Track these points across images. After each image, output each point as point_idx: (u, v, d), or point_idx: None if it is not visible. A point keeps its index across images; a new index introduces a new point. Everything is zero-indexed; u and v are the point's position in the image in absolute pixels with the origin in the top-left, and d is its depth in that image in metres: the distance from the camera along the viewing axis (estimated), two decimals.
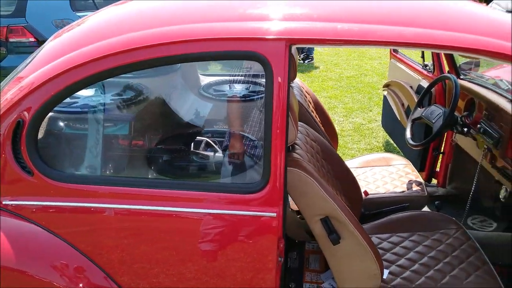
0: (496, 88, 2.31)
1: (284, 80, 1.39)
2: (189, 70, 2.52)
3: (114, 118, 1.98)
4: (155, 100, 2.16)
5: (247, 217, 1.53)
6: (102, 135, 1.81)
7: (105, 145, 1.84)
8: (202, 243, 1.64)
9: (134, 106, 2.07)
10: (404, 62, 3.48)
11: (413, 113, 2.68)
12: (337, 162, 2.21)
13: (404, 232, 2.21)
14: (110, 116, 1.98)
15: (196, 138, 2.00)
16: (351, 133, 4.58)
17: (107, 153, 1.87)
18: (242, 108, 2.14)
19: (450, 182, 3.06)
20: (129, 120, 1.95)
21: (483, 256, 2.01)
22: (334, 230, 1.67)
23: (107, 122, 1.94)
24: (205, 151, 1.89)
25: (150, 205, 1.58)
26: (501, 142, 2.08)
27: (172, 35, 1.40)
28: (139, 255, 1.67)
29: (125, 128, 1.94)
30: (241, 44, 1.38)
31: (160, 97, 2.14)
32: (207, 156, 1.86)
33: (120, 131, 1.90)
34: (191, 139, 2.02)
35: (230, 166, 1.83)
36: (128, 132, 1.91)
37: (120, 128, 1.89)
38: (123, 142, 1.87)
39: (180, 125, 2.06)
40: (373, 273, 1.73)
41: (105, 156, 1.85)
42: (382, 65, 7.08)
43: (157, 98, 2.15)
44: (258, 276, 1.65)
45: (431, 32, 1.35)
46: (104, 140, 1.86)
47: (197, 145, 1.95)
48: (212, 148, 1.96)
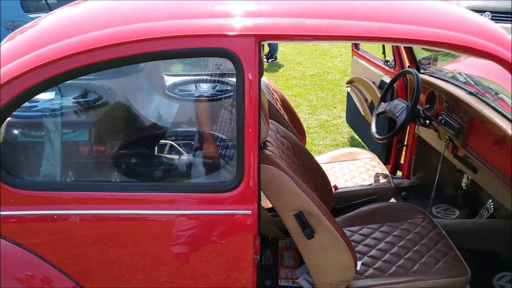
0: (455, 81, 2.40)
1: (255, 76, 1.39)
2: (153, 71, 2.46)
3: (77, 121, 1.91)
4: (119, 101, 2.09)
5: (221, 216, 1.51)
6: (64, 138, 1.74)
7: (68, 148, 1.77)
8: (175, 245, 1.60)
9: (97, 109, 2.00)
10: (366, 58, 3.56)
11: (377, 108, 2.75)
12: (307, 158, 2.23)
13: (374, 224, 2.26)
14: (72, 119, 1.91)
15: (164, 139, 1.96)
16: (317, 130, 4.64)
17: (70, 157, 1.80)
18: (211, 107, 2.11)
19: (414, 173, 3.16)
20: (93, 122, 1.89)
21: (449, 242, 2.09)
22: (308, 225, 1.68)
23: (70, 125, 1.86)
24: (173, 152, 1.86)
25: (118, 209, 1.53)
26: (461, 132, 2.17)
27: (137, 33, 1.37)
28: (109, 262, 1.62)
29: (89, 132, 1.88)
30: (210, 41, 1.36)
31: (124, 98, 2.08)
32: (176, 157, 1.83)
33: (84, 134, 1.83)
34: (159, 140, 1.98)
35: (201, 166, 1.81)
36: (93, 135, 1.85)
37: (83, 131, 1.82)
38: (87, 144, 1.80)
39: (147, 126, 2.01)
40: (347, 265, 1.76)
41: (69, 160, 1.78)
42: (344, 63, 7.23)
43: (121, 99, 2.09)
44: (234, 276, 1.64)
45: (395, 27, 1.39)
46: (67, 143, 1.79)
47: (165, 146, 1.91)
48: (181, 149, 1.92)
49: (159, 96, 2.34)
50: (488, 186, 2.23)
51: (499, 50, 1.40)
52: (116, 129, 1.86)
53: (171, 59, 1.33)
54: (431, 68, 2.80)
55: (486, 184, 2.24)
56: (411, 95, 2.86)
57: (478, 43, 1.39)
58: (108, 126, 1.88)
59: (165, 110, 2.25)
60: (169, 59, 1.31)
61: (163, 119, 2.15)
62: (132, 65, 2.28)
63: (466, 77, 2.32)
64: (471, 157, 2.12)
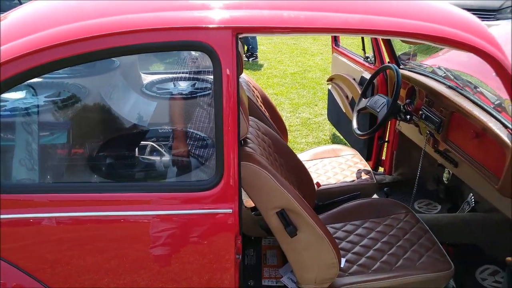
0: (435, 76, 2.41)
1: (233, 70, 1.35)
2: (129, 68, 2.40)
3: (49, 121, 1.83)
4: (94, 100, 2.02)
5: (202, 215, 1.47)
6: (35, 139, 1.67)
7: (40, 149, 1.69)
8: (155, 247, 1.55)
9: (71, 108, 1.93)
10: (346, 55, 3.56)
11: (358, 104, 2.74)
12: (289, 155, 2.20)
13: (357, 220, 2.25)
14: (44, 119, 1.83)
15: (142, 138, 1.90)
16: (299, 128, 4.63)
17: (44, 158, 1.72)
18: (189, 105, 2.06)
19: (396, 169, 3.17)
20: (67, 122, 1.81)
21: (432, 237, 2.09)
22: (290, 222, 1.65)
23: (41, 125, 1.78)
24: (152, 151, 1.80)
25: (95, 211, 1.47)
26: (442, 126, 2.17)
27: (109, 27, 1.31)
28: (86, 267, 1.56)
29: (63, 132, 1.80)
30: (185, 34, 1.31)
31: (99, 97, 2.01)
32: (154, 156, 1.77)
33: (57, 134, 1.75)
34: (137, 139, 1.92)
35: (180, 165, 1.76)
36: (67, 135, 1.78)
37: (56, 131, 1.75)
38: (61, 145, 1.72)
39: (124, 125, 1.95)
40: (331, 262, 1.74)
41: (42, 161, 1.71)
42: (324, 61, 7.25)
43: (96, 98, 2.02)
44: (217, 276, 1.60)
45: (375, 19, 1.37)
46: (39, 144, 1.71)
47: (143, 145, 1.85)
48: (159, 148, 1.87)
49: (136, 94, 2.27)
50: (469, 180, 2.24)
51: (478, 42, 1.39)
52: (91, 128, 1.80)
53: (145, 53, 1.28)
54: (410, 63, 2.81)
55: (467, 178, 2.25)
56: (392, 90, 2.87)
57: (458, 35, 1.38)
58: (83, 126, 1.81)
59: (143, 109, 2.19)
60: (143, 53, 1.26)
61: (141, 118, 2.09)
62: (107, 63, 2.22)
63: (445, 71, 2.33)
64: (452, 151, 2.12)
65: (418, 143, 2.67)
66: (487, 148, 1.84)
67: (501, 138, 1.69)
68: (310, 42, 8.67)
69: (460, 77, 2.21)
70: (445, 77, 2.32)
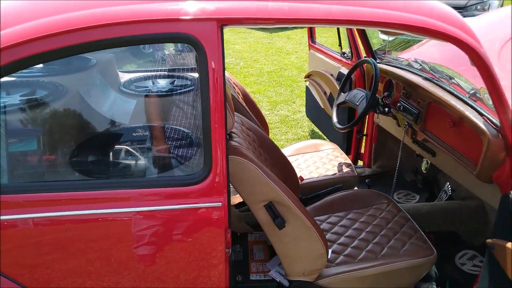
0: (411, 68, 2.47)
1: (219, 63, 1.35)
2: (107, 66, 2.36)
3: (26, 119, 1.78)
4: (72, 98, 1.98)
5: (191, 210, 1.46)
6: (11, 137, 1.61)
7: (16, 148, 1.64)
8: (142, 245, 1.53)
9: (48, 106, 1.88)
10: (323, 51, 3.61)
11: (337, 99, 2.78)
12: (273, 150, 2.22)
13: (341, 212, 2.28)
14: (20, 117, 1.77)
15: (124, 135, 1.87)
16: (278, 125, 4.66)
17: (19, 157, 1.66)
18: (170, 101, 2.05)
19: (375, 161, 3.23)
20: (45, 120, 1.77)
21: (414, 225, 2.15)
22: (278, 215, 1.66)
23: (17, 124, 1.73)
24: (136, 148, 1.78)
25: (75, 209, 1.44)
26: (420, 117, 2.23)
27: (95, 18, 1.28)
28: (68, 270, 1.52)
29: (40, 130, 1.75)
30: (170, 26, 1.30)
31: (77, 95, 1.97)
32: (139, 152, 1.75)
33: (34, 132, 1.70)
34: (118, 136, 1.89)
35: (167, 160, 1.74)
36: (44, 133, 1.72)
37: (34, 129, 1.70)
38: (38, 143, 1.67)
39: (104, 123, 1.92)
40: (320, 253, 1.76)
41: (18, 160, 1.65)
42: (300, 59, 7.31)
43: (74, 96, 1.97)
44: (207, 272, 1.59)
45: (358, 9, 1.39)
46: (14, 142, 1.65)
47: (125, 142, 1.83)
48: (143, 144, 1.85)
49: (115, 92, 2.24)
50: (446, 168, 2.31)
51: (456, 32, 1.44)
52: (70, 126, 1.75)
53: (130, 45, 1.26)
54: (387, 57, 2.87)
55: (444, 166, 2.32)
56: (369, 84, 2.93)
57: (437, 25, 1.42)
58: (61, 124, 1.76)
59: (122, 107, 2.15)
60: (128, 46, 1.24)
61: (121, 116, 2.06)
62: (84, 61, 2.18)
63: (421, 63, 2.40)
64: (430, 140, 2.18)
65: (397, 135, 2.73)
66: (464, 136, 1.90)
67: (477, 126, 1.75)
68: (285, 41, 8.73)
69: (436, 69, 2.28)
70: (421, 69, 2.38)
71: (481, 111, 1.82)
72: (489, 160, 1.69)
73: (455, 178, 2.28)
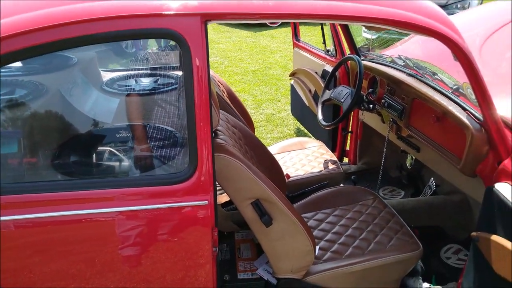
0: (394, 65, 2.49)
1: (203, 59, 1.33)
2: (88, 65, 2.31)
3: (6, 118, 1.73)
4: (53, 97, 1.93)
5: (177, 209, 1.44)
6: None
7: None
8: (128, 246, 1.50)
9: (28, 105, 1.83)
10: (307, 49, 3.61)
11: (322, 96, 2.79)
12: (259, 147, 2.21)
13: (328, 208, 2.29)
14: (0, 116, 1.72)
15: (107, 134, 1.84)
16: (264, 124, 4.66)
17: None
18: (154, 100, 2.02)
19: (360, 158, 3.25)
20: (25, 119, 1.72)
21: (400, 220, 2.16)
22: (265, 212, 1.66)
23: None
24: (119, 147, 1.75)
25: (57, 211, 1.40)
26: (404, 113, 2.25)
27: (76, 14, 1.25)
28: (50, 273, 1.48)
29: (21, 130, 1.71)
30: (153, 21, 1.28)
31: (58, 94, 1.93)
32: (122, 152, 1.72)
33: (14, 133, 1.65)
34: (101, 135, 1.86)
35: (151, 159, 1.71)
36: (25, 133, 1.68)
37: (14, 129, 1.65)
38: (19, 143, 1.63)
39: (87, 122, 1.88)
40: (307, 250, 1.76)
41: None
42: (284, 58, 7.32)
43: (55, 95, 1.93)
44: (194, 272, 1.57)
45: (342, 4, 1.39)
46: None
47: (109, 141, 1.79)
48: (126, 144, 1.82)
49: (97, 91, 2.20)
50: (431, 163, 2.33)
51: (440, 27, 1.45)
52: (51, 126, 1.71)
53: (112, 42, 1.23)
54: (370, 54, 2.89)
55: (429, 161, 2.35)
56: (354, 81, 2.94)
57: (421, 20, 1.43)
58: (42, 124, 1.72)
59: (105, 106, 2.11)
60: (111, 42, 1.21)
61: (104, 115, 2.02)
62: (65, 59, 2.13)
63: (404, 60, 2.41)
64: (414, 136, 2.20)
65: (381, 132, 2.75)
66: (448, 130, 1.92)
67: (461, 120, 1.77)
68: (269, 39, 8.74)
69: (419, 65, 2.30)
70: (405, 66, 2.40)
71: (465, 106, 1.84)
72: (473, 154, 1.71)
73: (439, 173, 2.30)
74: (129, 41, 3.05)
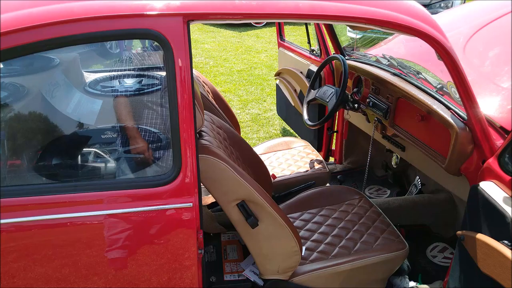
0: (379, 64, 2.49)
1: (186, 60, 1.30)
2: (71, 66, 2.26)
3: None
4: (34, 99, 1.88)
5: (160, 211, 1.41)
6: None
7: None
8: (112, 250, 1.47)
9: (11, 107, 1.78)
10: (292, 49, 3.60)
11: (307, 96, 2.78)
12: (245, 148, 2.18)
13: (314, 208, 2.28)
14: None
15: (89, 137, 1.80)
16: (250, 124, 4.64)
17: None
18: (137, 101, 1.98)
19: (346, 158, 3.26)
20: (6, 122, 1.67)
21: (386, 219, 2.16)
22: (251, 213, 1.64)
23: None
24: (102, 150, 1.71)
25: (40, 214, 1.37)
26: (389, 112, 2.25)
27: (56, 14, 1.21)
28: (34, 278, 1.44)
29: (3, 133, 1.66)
30: (134, 22, 1.25)
31: (39, 95, 1.88)
32: (106, 154, 1.68)
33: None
34: (83, 138, 1.81)
35: (134, 161, 1.68)
36: (3, 135, 1.63)
37: None
38: None
39: (69, 124, 1.83)
40: (293, 250, 1.74)
41: None
42: (269, 58, 7.31)
43: (36, 97, 1.88)
44: (179, 274, 1.55)
45: (325, 4, 1.38)
46: None
47: (91, 144, 1.75)
48: (109, 146, 1.78)
49: (80, 93, 2.15)
50: (416, 162, 2.35)
51: (423, 26, 1.45)
52: (32, 128, 1.67)
53: (93, 43, 1.19)
54: (355, 53, 2.89)
55: (414, 160, 2.36)
56: (338, 81, 2.94)
57: (404, 19, 1.43)
58: (23, 126, 1.67)
59: (88, 107, 2.07)
60: (93, 43, 1.17)
61: (87, 116, 1.98)
62: (46, 60, 2.08)
63: (389, 59, 2.42)
64: (400, 135, 2.20)
65: (367, 131, 2.76)
66: (433, 129, 1.93)
67: (445, 119, 1.78)
68: (254, 39, 8.72)
69: (404, 64, 2.30)
70: (389, 65, 2.41)
71: (449, 104, 1.85)
72: (457, 153, 1.72)
73: (424, 172, 2.32)
74: (114, 42, 3.01)
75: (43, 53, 2.08)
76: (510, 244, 1.32)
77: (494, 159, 1.52)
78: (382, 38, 2.98)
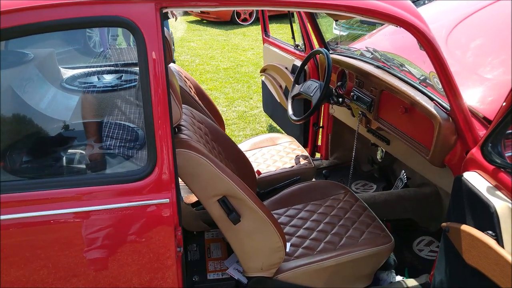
0: (363, 57, 2.47)
1: (159, 49, 1.25)
2: (46, 61, 2.19)
3: None
4: (5, 94, 1.82)
5: (136, 208, 1.36)
6: None
7: None
8: (88, 249, 1.42)
9: None
10: (277, 45, 3.57)
11: (292, 91, 2.75)
12: (228, 143, 2.14)
13: (299, 204, 2.24)
14: None
15: (63, 132, 1.74)
16: (236, 121, 4.59)
17: None
18: (113, 96, 1.93)
19: (332, 153, 3.23)
20: None
21: (371, 213, 2.14)
22: (233, 209, 1.59)
23: None
24: (75, 145, 1.65)
25: (9, 213, 1.30)
26: (373, 105, 2.22)
27: (13, 2, 1.15)
28: (10, 281, 1.38)
29: None
30: (103, 8, 1.19)
31: (10, 91, 1.81)
32: (78, 150, 1.62)
33: None
34: (57, 133, 1.75)
35: (108, 156, 1.62)
36: None
37: None
38: None
39: (43, 120, 1.77)
40: (277, 246, 1.70)
41: None
42: (256, 56, 7.27)
43: (7, 92, 1.81)
44: (158, 274, 1.50)
45: None
46: None
47: (65, 139, 1.69)
48: (84, 142, 1.72)
49: (55, 89, 2.08)
50: (401, 155, 2.32)
51: (405, 15, 1.42)
52: (2, 123, 1.60)
53: (59, 31, 1.14)
54: (339, 47, 2.86)
55: (399, 153, 2.34)
56: (323, 75, 2.91)
57: (386, 8, 1.39)
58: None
59: (63, 103, 2.01)
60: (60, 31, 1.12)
61: (62, 112, 1.92)
62: (19, 55, 2.01)
63: (372, 52, 2.39)
64: (384, 128, 2.18)
65: (352, 126, 2.73)
66: (416, 121, 1.90)
67: (428, 110, 1.75)
68: (241, 38, 8.67)
69: (387, 57, 2.28)
70: (373, 58, 2.38)
71: (432, 96, 1.82)
72: (441, 144, 1.69)
73: (409, 165, 2.29)
74: (97, 40, 2.94)
75: (16, 48, 2.02)
76: (495, 234, 1.29)
77: (477, 149, 1.50)
78: (367, 31, 2.96)
